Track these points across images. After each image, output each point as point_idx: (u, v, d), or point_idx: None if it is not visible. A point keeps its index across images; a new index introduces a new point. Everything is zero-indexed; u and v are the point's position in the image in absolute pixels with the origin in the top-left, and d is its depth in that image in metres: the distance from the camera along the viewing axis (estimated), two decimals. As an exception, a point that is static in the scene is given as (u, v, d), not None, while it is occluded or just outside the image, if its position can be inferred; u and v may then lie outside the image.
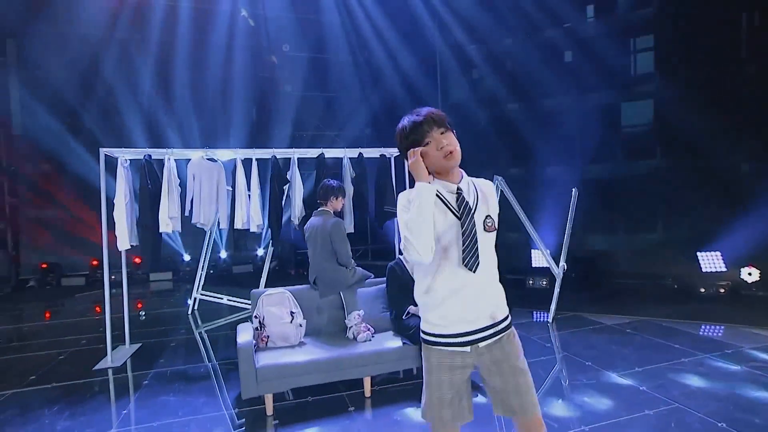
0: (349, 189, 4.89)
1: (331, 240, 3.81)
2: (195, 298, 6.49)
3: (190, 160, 4.47)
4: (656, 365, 3.91)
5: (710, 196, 6.60)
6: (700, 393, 3.38)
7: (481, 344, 1.71)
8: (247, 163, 4.59)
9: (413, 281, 1.82)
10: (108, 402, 3.60)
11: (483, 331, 1.70)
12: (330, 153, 4.96)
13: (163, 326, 5.74)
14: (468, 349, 1.71)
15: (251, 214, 4.52)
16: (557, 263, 5.38)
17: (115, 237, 4.10)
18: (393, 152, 5.17)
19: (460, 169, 1.76)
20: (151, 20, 8.27)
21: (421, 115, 1.68)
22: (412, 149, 1.69)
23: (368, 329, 3.77)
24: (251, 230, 4.58)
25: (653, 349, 4.35)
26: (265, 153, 4.68)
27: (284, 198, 4.73)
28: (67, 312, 6.78)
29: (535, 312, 5.84)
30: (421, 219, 1.61)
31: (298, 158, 4.84)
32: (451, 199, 1.70)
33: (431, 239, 1.62)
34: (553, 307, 5.37)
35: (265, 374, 3.22)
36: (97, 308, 6.86)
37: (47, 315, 6.68)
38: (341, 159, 4.90)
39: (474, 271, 1.67)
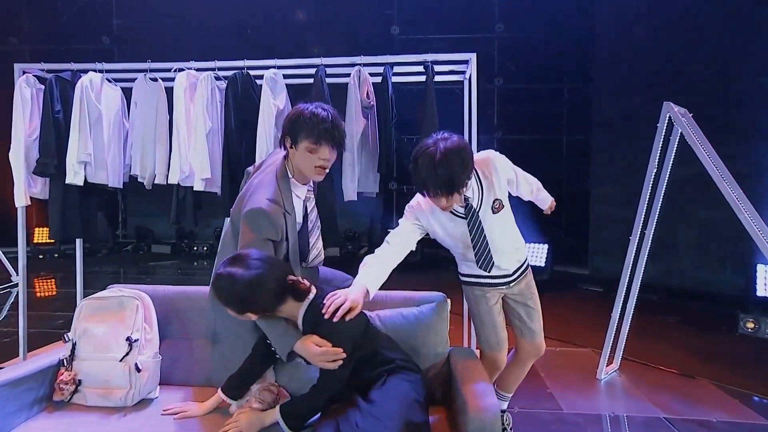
0: (357, 125, 2.79)
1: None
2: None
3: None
4: None
5: None
6: None
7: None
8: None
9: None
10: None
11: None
12: (333, 70, 2.92)
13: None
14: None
15: (192, 162, 2.83)
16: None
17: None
18: (445, 60, 2.86)
19: None
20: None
21: (430, 190, 1.64)
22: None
23: (268, 400, 1.71)
24: (195, 188, 2.90)
25: None
26: (231, 67, 2.93)
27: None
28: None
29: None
30: None
31: (288, 78, 2.96)
32: (459, 208, 1.78)
33: None
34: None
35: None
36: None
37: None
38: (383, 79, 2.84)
39: (488, 271, 1.87)
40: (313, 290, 1.58)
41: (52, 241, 7.44)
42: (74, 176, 2.86)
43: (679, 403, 2.72)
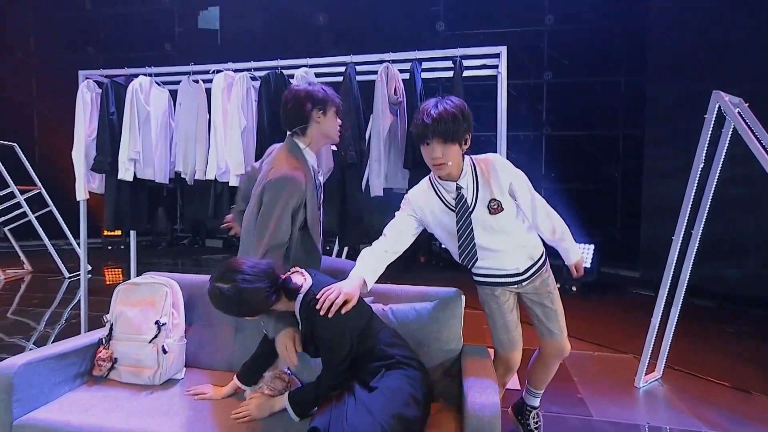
0: (384, 121, 2.81)
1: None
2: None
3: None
4: None
5: None
6: None
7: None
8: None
9: None
10: None
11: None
12: (366, 67, 2.96)
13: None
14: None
15: (227, 159, 2.97)
16: None
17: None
18: (475, 55, 2.80)
19: (467, 156, 1.76)
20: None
21: (428, 133, 1.66)
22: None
23: (279, 387, 1.78)
24: (231, 183, 3.05)
25: None
26: (266, 67, 3.05)
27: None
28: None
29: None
30: None
31: (320, 77, 3.04)
32: (451, 199, 1.75)
33: None
34: None
35: (24, 438, 1.66)
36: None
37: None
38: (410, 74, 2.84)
39: (470, 268, 1.86)
40: (307, 282, 1.62)
41: (119, 233, 8.07)
42: (125, 172, 3.11)
43: (729, 419, 2.50)
